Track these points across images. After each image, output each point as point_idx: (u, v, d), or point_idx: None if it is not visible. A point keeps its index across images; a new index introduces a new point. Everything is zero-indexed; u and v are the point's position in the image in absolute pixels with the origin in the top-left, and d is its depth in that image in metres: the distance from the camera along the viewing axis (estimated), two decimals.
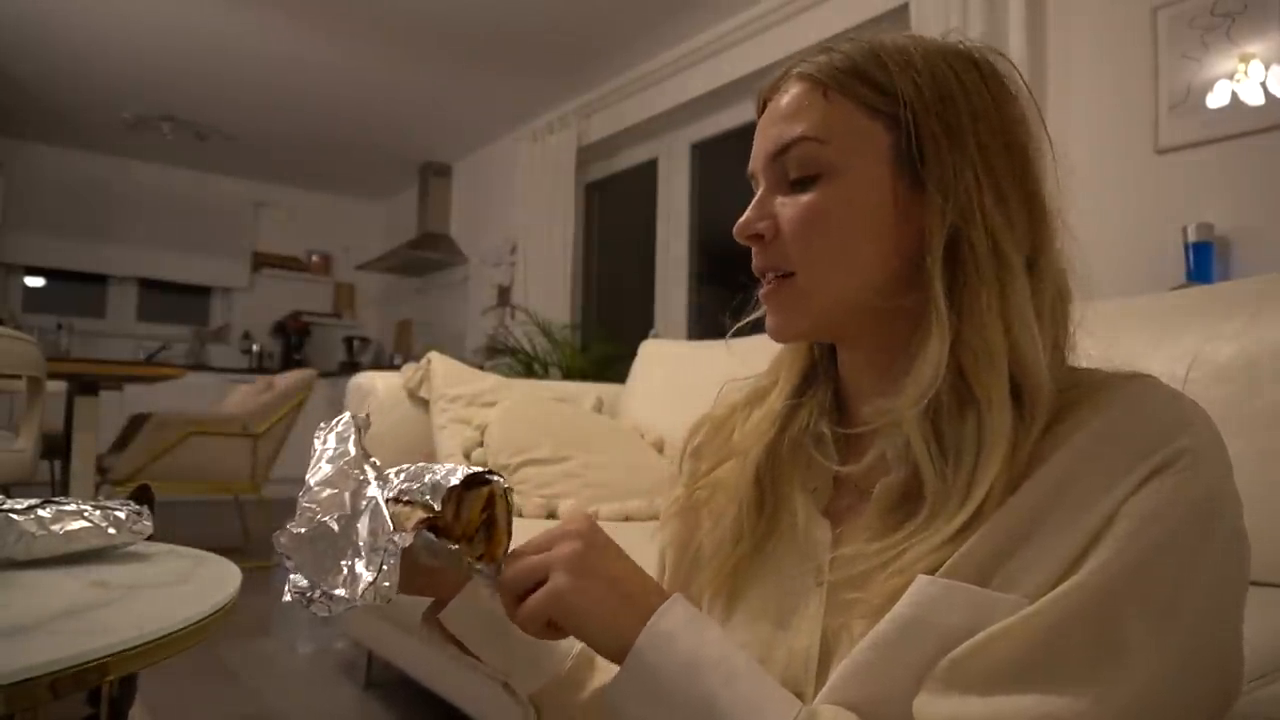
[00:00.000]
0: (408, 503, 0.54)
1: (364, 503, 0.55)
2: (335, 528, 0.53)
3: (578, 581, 0.51)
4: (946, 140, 0.52)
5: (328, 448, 0.59)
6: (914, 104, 0.52)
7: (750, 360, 0.71)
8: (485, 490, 0.55)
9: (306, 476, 0.57)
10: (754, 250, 0.58)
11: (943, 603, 0.45)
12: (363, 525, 0.53)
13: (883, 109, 0.53)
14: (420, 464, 0.57)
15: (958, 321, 0.50)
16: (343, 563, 0.52)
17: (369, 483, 0.56)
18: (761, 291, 0.58)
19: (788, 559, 0.58)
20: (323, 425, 0.62)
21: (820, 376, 0.63)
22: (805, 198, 0.54)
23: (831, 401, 0.62)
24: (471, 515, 0.55)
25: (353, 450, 0.58)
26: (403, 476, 0.56)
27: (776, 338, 0.59)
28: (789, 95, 0.56)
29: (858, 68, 0.54)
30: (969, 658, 0.44)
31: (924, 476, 0.50)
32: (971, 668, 0.44)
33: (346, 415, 0.62)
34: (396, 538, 0.51)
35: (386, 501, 0.55)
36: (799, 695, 0.53)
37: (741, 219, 0.57)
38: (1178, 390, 0.48)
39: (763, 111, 0.59)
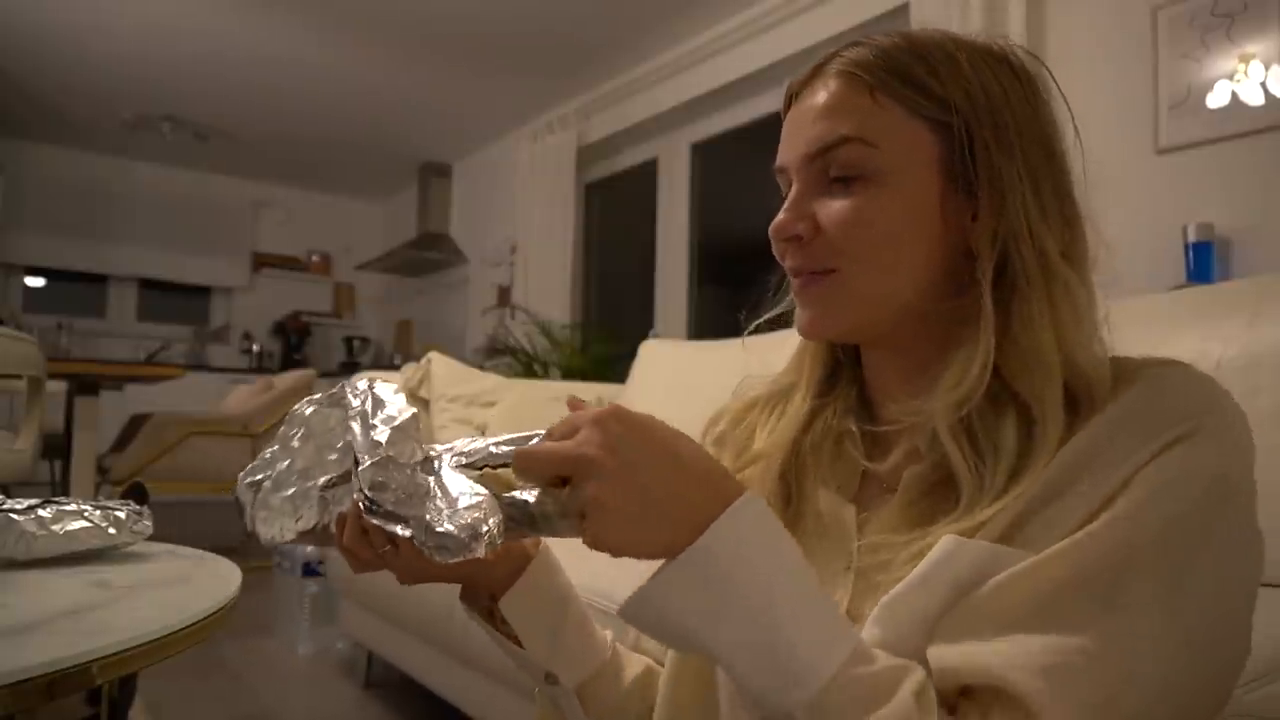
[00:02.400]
0: (504, 466, 0.52)
1: (436, 462, 0.52)
2: (420, 476, 0.50)
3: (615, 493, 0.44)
4: (998, 150, 0.51)
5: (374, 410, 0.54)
6: (967, 114, 0.51)
7: (766, 358, 0.69)
8: None
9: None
10: (788, 251, 0.56)
11: (956, 556, 0.45)
12: (444, 480, 0.50)
13: (929, 114, 0.52)
14: (492, 438, 0.55)
15: (1003, 327, 0.50)
16: (432, 504, 0.49)
17: (429, 451, 0.53)
18: (795, 285, 0.56)
19: (816, 548, 0.58)
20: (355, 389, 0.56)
21: (844, 375, 0.63)
22: (850, 200, 0.53)
23: (857, 401, 0.61)
24: None
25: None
26: (478, 444, 0.53)
27: (810, 334, 0.57)
28: (829, 91, 0.54)
29: (903, 68, 0.53)
30: (980, 603, 0.44)
31: (957, 472, 0.49)
32: (982, 611, 0.44)
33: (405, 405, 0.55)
34: (518, 494, 0.49)
35: (457, 469, 0.52)
36: None
37: (778, 220, 0.55)
38: (1211, 376, 0.48)
39: (790, 105, 0.58)
